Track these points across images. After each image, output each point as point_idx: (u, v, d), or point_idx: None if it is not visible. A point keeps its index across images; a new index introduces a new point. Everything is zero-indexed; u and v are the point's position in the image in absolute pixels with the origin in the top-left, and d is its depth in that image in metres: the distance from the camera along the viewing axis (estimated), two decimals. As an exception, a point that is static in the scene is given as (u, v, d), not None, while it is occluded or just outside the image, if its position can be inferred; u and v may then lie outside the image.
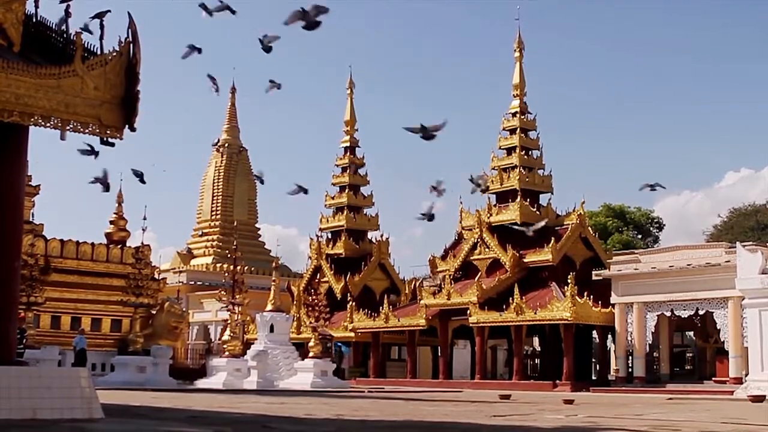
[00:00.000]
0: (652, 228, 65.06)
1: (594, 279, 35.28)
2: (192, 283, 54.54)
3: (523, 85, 42.29)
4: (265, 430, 10.63)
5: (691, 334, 37.58)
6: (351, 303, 42.69)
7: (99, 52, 10.49)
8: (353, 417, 13.41)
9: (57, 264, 36.21)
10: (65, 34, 10.75)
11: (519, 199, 39.56)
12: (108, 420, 10.51)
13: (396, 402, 19.80)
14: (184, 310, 41.95)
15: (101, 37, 10.56)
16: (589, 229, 41.10)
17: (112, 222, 42.29)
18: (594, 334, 38.13)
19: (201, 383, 29.81)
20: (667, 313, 33.27)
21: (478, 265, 39.56)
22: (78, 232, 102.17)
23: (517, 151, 40.85)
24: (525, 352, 40.61)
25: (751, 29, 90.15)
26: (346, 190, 48.91)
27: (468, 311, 36.88)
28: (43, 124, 10.02)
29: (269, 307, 35.87)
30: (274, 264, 38.21)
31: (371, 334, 41.69)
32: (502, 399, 21.75)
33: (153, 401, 17.79)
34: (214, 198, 60.81)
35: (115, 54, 10.43)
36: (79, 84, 10.14)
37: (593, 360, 40.84)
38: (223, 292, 32.30)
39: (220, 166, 60.72)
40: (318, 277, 44.73)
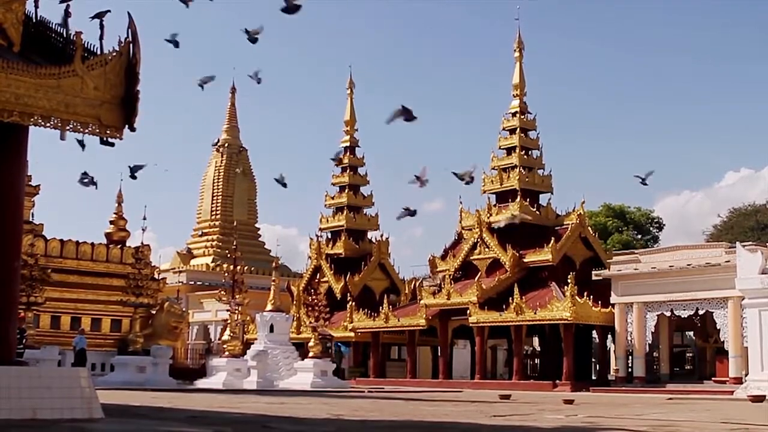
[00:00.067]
0: (652, 228, 65.06)
1: (594, 279, 35.27)
2: (192, 283, 54.54)
3: (523, 85, 42.29)
4: (265, 430, 10.63)
5: (691, 334, 37.59)
6: (351, 303, 42.69)
7: (99, 52, 10.49)
8: (353, 417, 13.41)
9: (57, 264, 36.22)
10: (65, 34, 10.75)
11: (519, 199, 39.56)
12: (108, 420, 10.51)
13: (396, 402, 19.80)
14: (184, 310, 41.96)
15: (101, 37, 10.57)
16: (589, 229, 41.11)
17: (112, 222, 42.31)
18: (594, 334, 38.13)
19: (201, 383, 29.82)
20: (667, 313, 33.27)
21: (478, 265, 39.56)
22: (78, 232, 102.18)
23: (517, 150, 40.85)
24: (525, 352, 40.60)
25: (751, 29, 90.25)
26: (346, 190, 48.91)
27: (468, 311, 36.88)
28: (43, 124, 10.02)
29: (269, 307, 35.87)
30: (274, 264, 38.21)
31: (371, 334, 41.69)
32: (502, 399, 21.75)
33: (153, 401, 17.79)
34: (214, 198, 60.81)
35: (115, 54, 10.43)
36: (79, 84, 10.14)
37: (593, 360, 40.84)
38: (223, 292, 32.32)
39: (220, 166, 60.72)
40: (318, 277, 44.76)
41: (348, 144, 49.44)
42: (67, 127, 10.13)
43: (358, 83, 50.29)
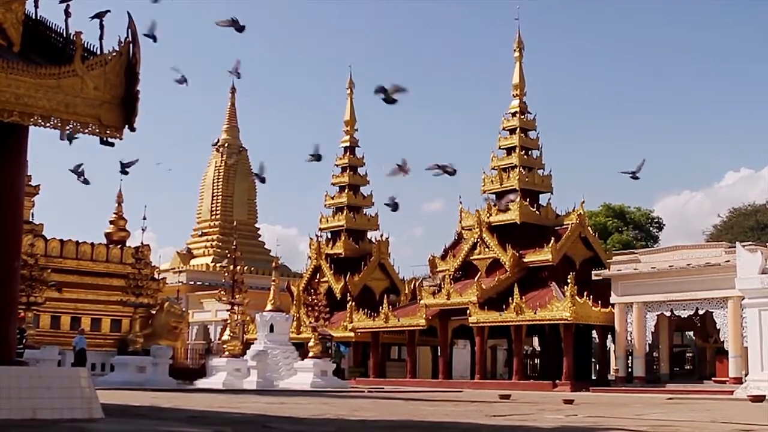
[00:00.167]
0: (651, 228, 65.07)
1: (594, 279, 35.27)
2: (192, 283, 54.54)
3: (522, 85, 42.28)
4: (265, 430, 10.63)
5: (691, 334, 37.61)
6: (351, 303, 42.68)
7: (99, 52, 10.49)
8: (353, 417, 13.41)
9: (57, 264, 36.20)
10: (65, 34, 10.75)
11: (519, 198, 39.56)
12: (108, 420, 10.51)
13: (396, 402, 19.80)
14: (183, 310, 41.97)
15: (101, 37, 10.57)
16: (589, 229, 41.11)
17: (111, 222, 42.32)
18: (594, 334, 38.13)
19: (201, 383, 29.82)
20: (667, 313, 33.27)
21: (478, 265, 39.56)
22: (78, 232, 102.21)
23: (517, 150, 40.84)
24: (525, 352, 40.60)
25: (751, 29, 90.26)
26: (346, 190, 48.89)
27: (468, 311, 36.88)
28: (43, 124, 10.02)
29: (269, 307, 35.86)
30: (274, 264, 38.20)
31: (371, 334, 41.69)
32: (501, 399, 21.75)
33: (153, 401, 17.79)
34: (214, 198, 60.81)
35: (114, 54, 10.43)
36: (78, 84, 10.14)
37: (593, 360, 40.84)
38: (223, 292, 32.31)
39: (220, 166, 60.71)
40: (318, 277, 44.75)
41: (348, 144, 49.43)
42: (67, 127, 10.13)
43: (358, 83, 50.25)
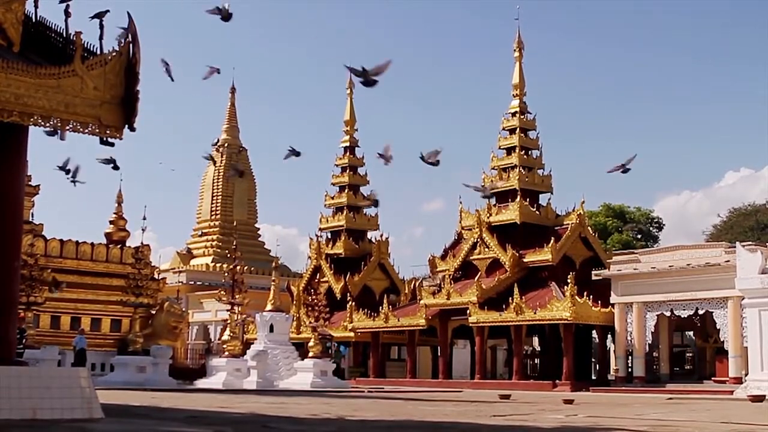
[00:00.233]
0: (651, 228, 65.07)
1: (594, 279, 35.26)
2: (192, 283, 54.55)
3: (522, 85, 42.27)
4: (265, 430, 10.63)
5: (690, 333, 37.59)
6: (351, 303, 42.67)
7: (99, 52, 10.49)
8: (353, 417, 13.41)
9: (57, 264, 36.20)
10: (65, 34, 10.75)
11: (519, 198, 39.55)
12: (108, 420, 10.51)
13: (396, 402, 19.80)
14: (183, 310, 41.98)
15: (101, 37, 10.57)
16: (589, 229, 41.12)
17: (111, 222, 42.33)
18: (594, 334, 38.12)
19: (201, 383, 29.81)
20: (667, 313, 33.27)
21: (478, 265, 39.56)
22: (78, 232, 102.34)
23: (517, 150, 40.84)
24: (525, 352, 40.59)
25: (751, 29, 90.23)
26: (346, 190, 48.89)
27: (468, 311, 36.87)
28: (42, 124, 10.02)
29: (269, 307, 35.84)
30: (274, 264, 38.18)
31: (371, 334, 41.68)
32: (501, 399, 21.75)
33: (153, 401, 17.79)
34: (214, 198, 60.81)
35: (114, 54, 10.43)
36: (78, 84, 10.13)
37: (593, 360, 40.83)
38: (223, 292, 32.31)
39: (220, 166, 60.71)
40: (318, 277, 44.73)
41: (348, 144, 49.42)
42: (67, 127, 10.13)
43: (358, 83, 50.03)
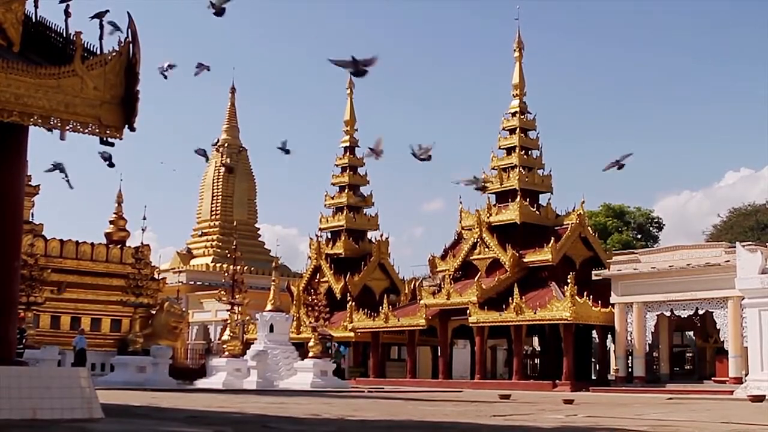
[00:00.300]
0: (651, 228, 65.06)
1: (594, 279, 35.27)
2: (192, 283, 54.54)
3: (522, 85, 42.27)
4: (265, 430, 10.63)
5: (691, 333, 37.58)
6: (351, 303, 42.67)
7: (99, 52, 10.49)
8: (353, 417, 13.41)
9: (57, 264, 36.20)
10: (65, 34, 10.75)
11: (519, 198, 39.55)
12: (108, 420, 10.51)
13: (396, 402, 19.80)
14: (183, 310, 41.96)
15: (101, 37, 10.57)
16: (589, 229, 41.11)
17: (111, 222, 42.32)
18: (594, 333, 38.12)
19: (201, 383, 29.81)
20: (667, 313, 33.27)
21: (478, 265, 39.55)
22: (78, 232, 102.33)
23: (517, 150, 40.84)
24: (525, 352, 40.59)
25: (751, 29, 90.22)
26: (346, 190, 48.89)
27: (468, 311, 36.87)
28: (42, 124, 10.02)
29: (269, 307, 35.84)
30: (274, 264, 38.18)
31: (371, 334, 41.68)
32: (501, 399, 21.75)
33: (153, 401, 17.79)
34: (214, 198, 60.80)
35: (114, 54, 10.43)
36: (78, 84, 10.13)
37: (593, 360, 40.83)
38: (223, 292, 32.31)
39: (220, 166, 60.69)
40: (318, 277, 44.75)
41: (348, 144, 49.41)
42: (67, 127, 10.13)
43: (358, 83, 50.07)
